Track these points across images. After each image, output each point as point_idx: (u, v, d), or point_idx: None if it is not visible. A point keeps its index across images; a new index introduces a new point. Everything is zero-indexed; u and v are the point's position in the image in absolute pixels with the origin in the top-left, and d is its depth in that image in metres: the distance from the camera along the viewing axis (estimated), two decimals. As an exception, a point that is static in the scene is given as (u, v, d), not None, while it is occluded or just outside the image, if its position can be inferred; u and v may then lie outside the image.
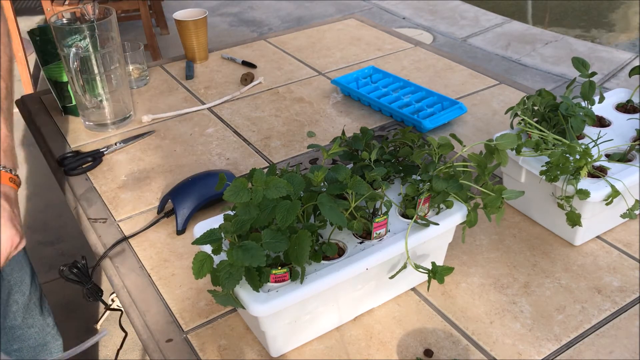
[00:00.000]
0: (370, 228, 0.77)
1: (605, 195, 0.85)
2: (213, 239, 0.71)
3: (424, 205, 0.80)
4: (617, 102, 1.08)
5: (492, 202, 0.77)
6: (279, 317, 0.72)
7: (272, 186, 0.70)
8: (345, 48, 1.64)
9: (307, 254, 0.68)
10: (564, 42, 3.68)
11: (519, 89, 1.40)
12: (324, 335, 0.80)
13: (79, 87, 1.18)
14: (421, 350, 0.78)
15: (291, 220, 0.69)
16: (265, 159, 1.18)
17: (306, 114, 1.32)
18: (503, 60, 3.50)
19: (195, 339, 0.80)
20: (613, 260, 0.91)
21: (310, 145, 0.92)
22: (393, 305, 0.84)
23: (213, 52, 1.62)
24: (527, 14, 4.40)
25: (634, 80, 1.13)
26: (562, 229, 0.94)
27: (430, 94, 1.32)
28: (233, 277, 0.67)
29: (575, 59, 0.99)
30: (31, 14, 4.14)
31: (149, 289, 0.88)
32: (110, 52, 1.20)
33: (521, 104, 0.97)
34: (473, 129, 1.25)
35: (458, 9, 4.23)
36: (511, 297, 0.85)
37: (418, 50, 1.62)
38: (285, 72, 1.51)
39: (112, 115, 1.28)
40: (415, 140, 0.90)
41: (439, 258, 0.88)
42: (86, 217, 1.04)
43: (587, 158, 0.84)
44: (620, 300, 0.84)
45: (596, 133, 0.96)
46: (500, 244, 0.94)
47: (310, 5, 4.39)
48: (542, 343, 0.78)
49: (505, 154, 0.82)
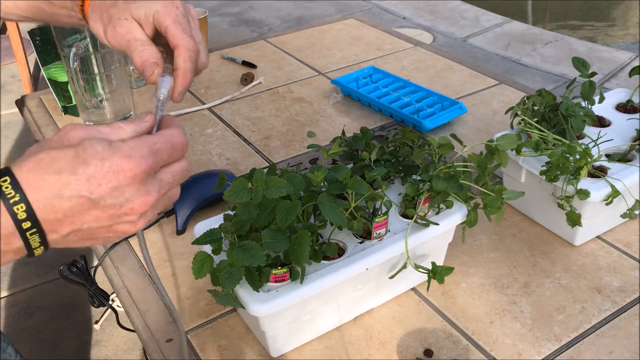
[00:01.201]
0: (370, 228, 0.77)
1: (605, 195, 0.85)
2: (213, 239, 0.71)
3: (424, 205, 0.80)
4: (617, 102, 1.08)
5: (492, 202, 0.77)
6: (279, 317, 0.72)
7: (272, 186, 0.69)
8: (345, 48, 1.64)
9: (307, 254, 0.68)
10: (564, 42, 3.68)
11: (519, 89, 1.40)
12: (324, 335, 0.80)
13: (79, 87, 1.18)
14: (421, 350, 0.78)
15: (291, 220, 0.69)
16: (265, 159, 1.18)
17: (306, 114, 1.32)
18: (503, 60, 3.50)
19: (195, 339, 0.80)
20: (613, 260, 0.91)
21: (310, 145, 0.92)
22: (393, 305, 0.84)
23: (213, 52, 1.62)
24: (527, 14, 4.40)
25: (634, 80, 1.13)
26: (562, 229, 0.94)
27: (430, 94, 1.32)
28: (233, 277, 0.67)
29: (575, 59, 0.99)
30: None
31: (149, 289, 0.88)
32: (110, 52, 1.20)
33: (521, 104, 0.97)
34: (473, 129, 1.25)
35: (458, 9, 4.23)
36: (511, 297, 0.85)
37: (418, 50, 1.62)
38: (285, 72, 1.51)
39: (112, 115, 1.28)
40: (415, 140, 0.90)
41: (439, 258, 0.88)
42: (86, 217, 1.03)
43: (587, 158, 0.84)
44: (620, 300, 0.84)
45: (596, 133, 0.96)
46: (500, 244, 0.94)
47: (310, 5, 4.39)
48: (542, 343, 0.78)
49: (506, 154, 0.82)
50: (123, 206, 0.47)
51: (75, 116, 1.32)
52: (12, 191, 0.44)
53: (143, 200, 0.48)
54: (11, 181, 0.45)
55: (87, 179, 0.45)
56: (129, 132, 0.50)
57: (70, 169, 0.45)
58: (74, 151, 0.46)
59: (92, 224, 0.48)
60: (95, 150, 0.46)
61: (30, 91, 3.12)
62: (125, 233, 0.50)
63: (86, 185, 0.45)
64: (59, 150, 0.46)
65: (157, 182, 0.49)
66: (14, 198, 0.44)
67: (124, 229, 0.50)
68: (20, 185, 0.45)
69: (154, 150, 0.49)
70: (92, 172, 0.46)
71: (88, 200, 0.46)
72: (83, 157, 0.46)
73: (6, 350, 0.85)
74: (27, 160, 0.46)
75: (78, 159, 0.46)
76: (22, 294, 2.11)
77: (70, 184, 0.45)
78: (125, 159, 0.47)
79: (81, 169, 0.45)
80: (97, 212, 0.47)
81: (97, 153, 0.46)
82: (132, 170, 0.47)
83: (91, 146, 0.46)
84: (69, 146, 0.46)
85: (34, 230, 0.45)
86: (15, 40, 3.01)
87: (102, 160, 0.46)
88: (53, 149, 0.46)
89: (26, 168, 0.45)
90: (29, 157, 0.46)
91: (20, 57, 3.05)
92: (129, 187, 0.47)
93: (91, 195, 0.46)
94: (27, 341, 1.93)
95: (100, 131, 0.49)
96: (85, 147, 0.46)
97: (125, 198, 0.47)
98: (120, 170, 0.46)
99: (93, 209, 0.47)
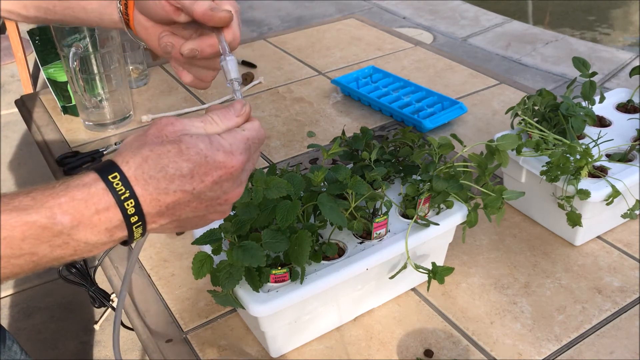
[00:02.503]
0: (370, 228, 0.77)
1: (605, 195, 0.85)
2: (213, 239, 0.71)
3: (424, 205, 0.79)
4: (618, 102, 1.08)
5: (492, 203, 0.77)
6: (278, 317, 0.72)
7: (272, 186, 0.69)
8: (345, 48, 1.64)
9: (307, 254, 0.68)
10: (564, 41, 3.68)
11: (520, 88, 1.40)
12: (324, 336, 0.80)
13: (79, 86, 1.18)
14: (421, 350, 0.78)
15: (291, 220, 0.69)
16: (265, 159, 1.17)
17: (306, 114, 1.32)
18: (503, 60, 3.50)
19: (195, 339, 0.80)
20: (613, 261, 0.90)
21: (310, 145, 0.92)
22: (393, 306, 0.84)
23: (213, 52, 1.62)
24: (528, 14, 4.40)
25: (635, 80, 1.13)
26: (562, 229, 0.94)
27: (430, 94, 1.32)
28: (233, 277, 0.67)
29: (575, 59, 0.99)
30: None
31: (149, 289, 0.88)
32: (110, 51, 1.20)
33: (521, 103, 0.97)
34: (473, 129, 1.25)
35: (458, 8, 4.23)
36: (511, 298, 0.85)
37: (418, 50, 1.62)
38: (285, 72, 1.51)
39: (111, 115, 1.27)
40: (415, 140, 0.90)
41: (439, 258, 0.88)
42: (86, 217, 1.03)
43: (588, 158, 0.84)
44: (620, 301, 0.84)
45: (596, 133, 0.96)
46: (501, 244, 0.94)
47: (310, 5, 4.39)
48: (543, 343, 0.78)
49: (506, 154, 0.82)
50: (220, 197, 0.50)
51: (74, 116, 1.32)
52: (123, 187, 0.46)
53: (237, 191, 0.52)
54: (121, 177, 0.47)
55: (191, 175, 0.48)
56: (221, 125, 0.53)
57: (175, 166, 0.48)
58: (178, 148, 0.48)
59: (189, 214, 0.50)
60: (198, 148, 0.48)
61: (30, 91, 3.12)
62: (213, 220, 0.53)
63: (190, 181, 0.48)
64: (162, 146, 0.48)
65: (246, 173, 0.52)
66: (124, 194, 0.46)
67: (215, 217, 0.53)
68: (129, 182, 0.47)
69: (248, 146, 0.52)
70: (196, 168, 0.48)
71: (190, 194, 0.49)
72: (187, 154, 0.48)
73: (12, 348, 0.85)
74: (132, 155, 0.48)
75: (182, 156, 0.48)
76: (22, 294, 2.11)
77: (175, 180, 0.48)
78: (227, 156, 0.50)
79: (185, 166, 0.48)
80: (196, 204, 0.50)
81: (201, 150, 0.48)
82: (233, 167, 0.50)
83: (194, 143, 0.49)
84: (172, 142, 0.48)
85: (140, 223, 0.48)
86: (14, 40, 3.00)
87: (206, 158, 0.48)
88: (155, 144, 0.48)
89: (134, 165, 0.47)
90: (134, 153, 0.48)
91: (19, 57, 3.05)
92: (227, 182, 0.50)
93: (194, 190, 0.48)
94: (27, 341, 1.93)
95: (195, 125, 0.51)
96: (188, 145, 0.48)
97: (222, 190, 0.50)
98: (223, 166, 0.49)
99: (193, 201, 0.49)
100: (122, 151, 0.49)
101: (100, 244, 0.48)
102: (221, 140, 0.50)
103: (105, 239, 0.47)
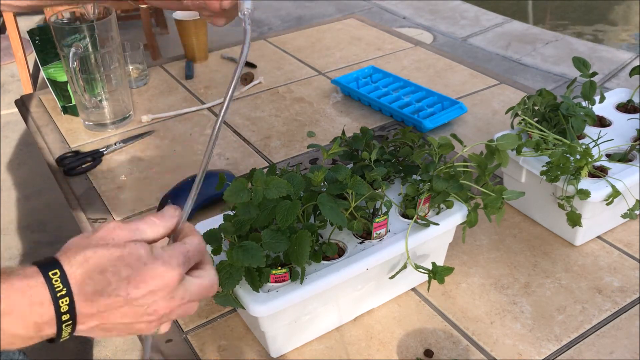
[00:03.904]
0: (370, 228, 0.77)
1: (605, 195, 0.85)
2: (213, 239, 0.71)
3: (424, 205, 0.79)
4: (618, 102, 1.08)
5: (492, 203, 0.77)
6: (278, 317, 0.72)
7: (272, 186, 0.69)
8: (345, 48, 1.64)
9: (307, 254, 0.68)
10: (564, 41, 3.68)
11: (520, 88, 1.40)
12: (324, 336, 0.80)
13: (79, 86, 1.18)
14: (421, 350, 0.78)
15: (291, 220, 0.69)
16: (265, 159, 1.17)
17: (306, 114, 1.32)
18: (503, 60, 3.50)
19: (195, 339, 0.80)
20: (613, 261, 0.90)
21: (310, 145, 0.92)
22: (393, 306, 0.84)
23: (213, 52, 1.62)
24: (528, 14, 4.40)
25: (635, 80, 1.13)
26: (562, 229, 0.94)
27: (430, 94, 1.32)
28: (233, 277, 0.67)
29: (575, 59, 0.99)
30: (31, 14, 4.13)
31: (149, 289, 0.88)
32: (109, 51, 1.20)
33: (521, 103, 0.96)
34: (473, 129, 1.25)
35: (458, 8, 4.23)
36: (511, 298, 0.85)
37: (418, 50, 1.62)
38: (285, 72, 1.51)
39: (111, 115, 1.27)
40: (415, 140, 0.90)
41: (439, 258, 0.88)
42: (86, 217, 1.03)
43: (588, 158, 0.84)
44: (620, 301, 0.84)
45: (597, 133, 0.96)
46: (501, 244, 0.94)
47: (310, 5, 4.39)
48: (543, 343, 0.78)
49: (506, 154, 0.82)
50: (149, 307, 0.50)
51: (74, 116, 1.32)
52: (61, 285, 0.47)
53: (169, 306, 0.51)
54: (60, 274, 0.47)
55: (128, 280, 0.49)
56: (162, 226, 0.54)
57: (114, 270, 0.48)
58: (120, 252, 0.49)
59: (118, 320, 0.50)
60: (139, 255, 0.49)
61: (30, 91, 3.12)
62: (139, 332, 0.53)
63: (126, 286, 0.49)
64: (106, 249, 0.49)
65: (183, 289, 0.52)
66: (61, 291, 0.47)
67: (141, 327, 0.52)
68: (68, 280, 0.47)
69: (187, 259, 0.53)
70: (134, 274, 0.49)
71: (123, 299, 0.49)
72: (128, 260, 0.49)
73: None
74: (75, 254, 0.49)
75: (123, 261, 0.49)
76: (22, 294, 2.11)
77: (112, 284, 0.48)
78: (165, 266, 0.50)
79: (124, 271, 0.48)
80: (126, 309, 0.50)
81: (141, 257, 0.49)
82: (170, 278, 0.50)
83: (136, 249, 0.50)
84: (116, 246, 0.50)
85: (70, 322, 0.48)
86: (14, 40, 3.00)
87: (145, 265, 0.49)
88: (99, 247, 0.49)
89: (75, 263, 0.48)
90: (77, 252, 0.49)
91: (19, 57, 3.05)
92: (161, 291, 0.50)
93: (128, 296, 0.49)
94: (26, 341, 1.93)
95: (140, 230, 0.52)
96: (130, 250, 0.49)
97: (154, 300, 0.50)
98: (159, 275, 0.50)
99: (124, 306, 0.49)
100: (67, 249, 0.50)
101: (26, 338, 0.48)
102: (161, 251, 0.51)
103: (32, 333, 0.47)
